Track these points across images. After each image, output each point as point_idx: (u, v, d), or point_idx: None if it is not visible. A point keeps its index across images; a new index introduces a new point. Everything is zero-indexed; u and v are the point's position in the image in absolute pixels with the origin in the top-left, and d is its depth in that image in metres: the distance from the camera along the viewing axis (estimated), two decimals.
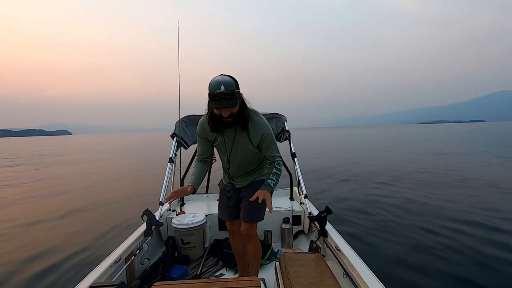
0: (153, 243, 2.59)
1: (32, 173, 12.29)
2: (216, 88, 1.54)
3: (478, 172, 8.61)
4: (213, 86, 1.54)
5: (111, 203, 6.52)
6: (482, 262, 3.19)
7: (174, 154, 3.02)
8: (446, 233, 4.02)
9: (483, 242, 3.67)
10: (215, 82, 1.55)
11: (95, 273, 1.70)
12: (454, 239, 3.80)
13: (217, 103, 1.56)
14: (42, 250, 4.03)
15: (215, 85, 1.54)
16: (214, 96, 1.54)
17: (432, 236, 3.94)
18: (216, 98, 1.54)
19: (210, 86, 1.56)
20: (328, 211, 2.32)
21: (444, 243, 3.69)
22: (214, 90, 1.54)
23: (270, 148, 1.80)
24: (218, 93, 1.54)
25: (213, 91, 1.54)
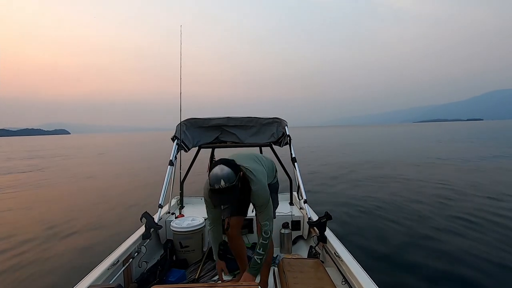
0: (152, 246, 2.58)
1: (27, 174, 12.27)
2: (216, 183, 1.58)
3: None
4: (213, 181, 1.59)
5: (110, 203, 6.50)
6: (484, 268, 3.17)
7: (174, 157, 3.01)
8: (446, 237, 4.00)
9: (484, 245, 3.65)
10: (215, 177, 1.59)
11: (93, 275, 1.69)
12: (454, 242, 3.78)
13: (217, 199, 1.64)
14: (40, 251, 4.01)
15: (215, 180, 1.58)
16: (214, 191, 1.59)
17: (432, 241, 3.92)
18: (215, 192, 1.59)
19: (210, 180, 1.61)
20: (328, 217, 2.31)
21: (444, 247, 3.67)
22: (214, 184, 1.58)
23: (264, 217, 1.80)
24: (218, 189, 1.58)
25: (213, 186, 1.58)
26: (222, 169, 1.61)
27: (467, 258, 3.46)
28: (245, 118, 3.31)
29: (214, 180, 1.58)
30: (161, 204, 2.74)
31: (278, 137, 3.29)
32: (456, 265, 3.28)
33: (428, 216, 5.05)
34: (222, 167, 1.62)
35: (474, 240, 3.99)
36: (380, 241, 4.03)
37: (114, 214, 5.75)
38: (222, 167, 1.63)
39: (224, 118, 3.30)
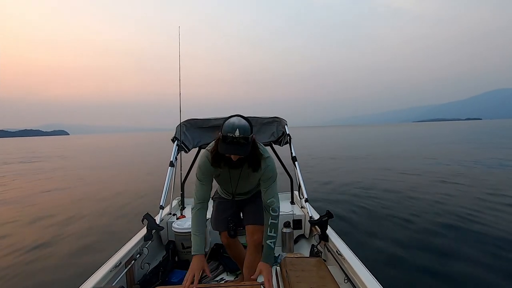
0: (153, 247, 2.58)
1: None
2: (230, 131, 1.46)
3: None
4: (228, 129, 1.46)
5: (110, 203, 6.51)
6: (486, 265, 3.17)
7: (175, 158, 3.01)
8: (450, 235, 4.01)
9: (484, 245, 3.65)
10: (231, 124, 1.47)
11: (95, 278, 1.69)
12: (456, 240, 3.78)
13: (229, 148, 1.48)
14: (41, 254, 4.02)
15: (230, 128, 1.46)
16: (227, 139, 1.47)
17: (435, 238, 3.92)
18: (228, 141, 1.47)
19: (224, 128, 1.48)
20: (329, 215, 2.31)
21: (448, 246, 3.67)
22: (228, 133, 1.46)
23: (271, 193, 1.73)
24: (231, 137, 1.45)
25: (226, 134, 1.46)
26: (239, 120, 1.51)
27: (471, 255, 3.46)
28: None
29: (229, 128, 1.46)
30: (162, 205, 2.74)
31: (278, 137, 3.29)
32: (460, 262, 3.28)
33: (432, 214, 5.05)
34: (239, 118, 1.52)
35: (478, 239, 3.99)
36: (382, 239, 4.04)
37: (114, 217, 5.75)
38: (239, 118, 1.52)
39: (224, 118, 3.30)
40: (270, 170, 1.71)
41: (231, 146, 1.48)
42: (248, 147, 1.52)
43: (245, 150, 1.50)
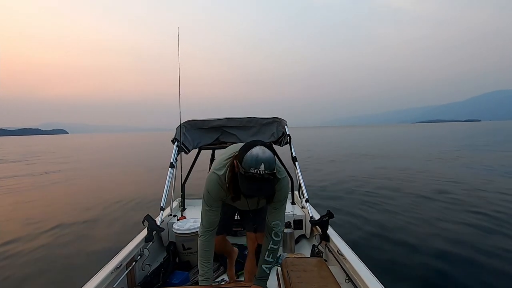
0: (154, 248, 2.58)
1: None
2: (254, 167, 1.24)
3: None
4: (251, 163, 1.24)
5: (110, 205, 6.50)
6: (489, 265, 3.17)
7: (175, 159, 3.01)
8: (450, 234, 4.00)
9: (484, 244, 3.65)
10: (254, 158, 1.25)
11: (96, 280, 1.69)
12: (456, 241, 3.77)
13: (253, 188, 1.27)
14: (42, 254, 4.01)
15: (254, 162, 1.24)
16: (250, 177, 1.25)
17: (436, 238, 3.92)
18: (252, 179, 1.25)
19: (246, 161, 1.26)
20: (330, 215, 2.31)
21: (447, 246, 3.67)
22: (251, 168, 1.24)
23: (278, 215, 1.59)
24: (256, 174, 1.24)
25: (249, 170, 1.24)
26: (264, 151, 1.27)
27: (475, 256, 3.46)
28: (244, 118, 3.31)
29: (253, 162, 1.23)
30: (162, 206, 2.74)
31: (278, 137, 3.29)
32: (460, 261, 3.28)
33: (433, 215, 5.05)
34: (264, 149, 1.28)
35: (481, 239, 3.98)
36: (383, 238, 4.03)
37: (113, 218, 5.75)
38: (263, 148, 1.28)
39: (224, 119, 3.30)
40: (284, 192, 1.54)
41: (256, 186, 1.27)
42: (274, 183, 1.33)
43: (271, 187, 1.33)
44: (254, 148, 1.28)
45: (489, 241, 3.78)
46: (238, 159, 1.33)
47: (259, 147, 1.29)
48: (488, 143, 20.88)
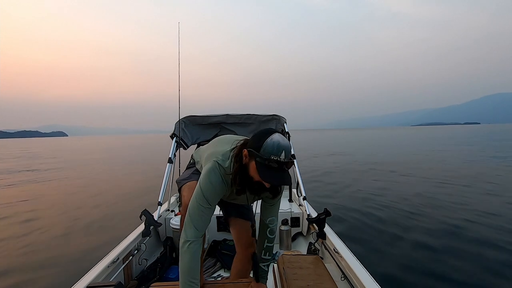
0: (151, 243, 2.58)
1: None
2: (275, 154, 1.15)
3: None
4: (272, 150, 1.15)
5: (109, 202, 6.51)
6: (485, 266, 3.19)
7: (173, 154, 3.01)
8: (447, 233, 4.03)
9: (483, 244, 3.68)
10: (275, 145, 1.16)
11: (93, 273, 1.70)
12: (454, 240, 3.80)
13: (275, 176, 1.17)
14: (38, 249, 4.02)
15: (276, 149, 1.15)
16: (271, 164, 1.16)
17: (431, 237, 3.94)
18: (273, 167, 1.16)
19: (266, 148, 1.16)
20: (327, 213, 2.32)
21: (444, 245, 3.70)
22: (272, 155, 1.15)
23: (274, 211, 1.53)
24: (277, 162, 1.15)
25: (270, 157, 1.15)
26: (283, 139, 1.19)
27: (468, 255, 3.49)
28: (244, 115, 3.31)
29: (275, 149, 1.14)
30: (160, 201, 2.74)
31: None
32: (455, 261, 3.30)
33: (431, 213, 5.08)
34: (283, 137, 1.20)
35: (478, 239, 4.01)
36: (380, 238, 4.06)
37: (112, 213, 5.76)
38: (282, 136, 1.21)
39: (223, 115, 3.30)
40: (282, 189, 1.48)
41: (279, 174, 1.17)
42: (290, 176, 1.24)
43: (290, 177, 1.23)
44: (273, 135, 1.19)
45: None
46: (251, 147, 1.22)
47: (278, 134, 1.21)
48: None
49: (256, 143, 1.20)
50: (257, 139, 1.21)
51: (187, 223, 1.30)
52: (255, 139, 1.23)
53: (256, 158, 1.18)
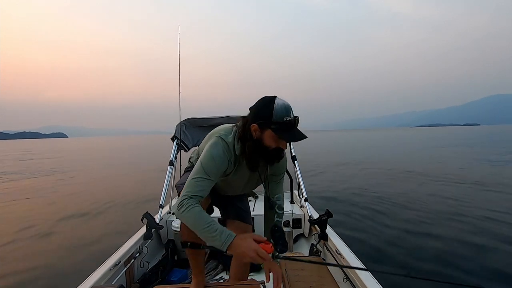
0: (153, 246, 2.58)
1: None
2: (286, 115, 1.21)
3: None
4: (283, 113, 1.21)
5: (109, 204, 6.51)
6: (485, 267, 3.17)
7: (174, 157, 3.02)
8: (449, 234, 4.01)
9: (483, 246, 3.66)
10: (283, 107, 1.22)
11: (94, 276, 1.69)
12: (455, 242, 3.78)
13: (295, 134, 1.23)
14: (41, 252, 4.02)
15: (284, 111, 1.21)
16: (289, 126, 1.22)
17: (434, 238, 3.93)
18: (291, 128, 1.23)
19: (277, 113, 1.21)
20: (329, 215, 2.31)
21: (446, 246, 3.68)
22: (285, 117, 1.20)
23: (280, 188, 1.58)
24: (292, 121, 1.22)
25: (284, 119, 1.20)
26: (282, 99, 1.26)
27: (471, 255, 3.47)
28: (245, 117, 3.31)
29: (284, 111, 1.20)
30: (161, 204, 2.74)
31: None
32: (459, 263, 3.29)
33: (433, 215, 5.06)
34: (280, 98, 1.27)
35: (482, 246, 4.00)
36: (382, 238, 4.04)
37: (113, 216, 5.76)
38: (279, 98, 1.26)
39: (224, 117, 3.30)
40: (285, 163, 1.51)
41: (294, 132, 1.24)
42: None
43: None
44: (275, 100, 1.24)
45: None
46: (259, 119, 1.25)
47: (276, 97, 1.26)
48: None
49: (264, 113, 1.23)
50: (262, 109, 1.25)
51: (181, 196, 1.24)
52: (259, 110, 1.26)
53: (271, 126, 1.22)
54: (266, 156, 1.31)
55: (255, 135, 1.28)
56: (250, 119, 1.29)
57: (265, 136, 1.26)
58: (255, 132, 1.27)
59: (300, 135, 1.24)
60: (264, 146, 1.28)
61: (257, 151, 1.30)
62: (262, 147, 1.28)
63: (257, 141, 1.28)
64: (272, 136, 1.24)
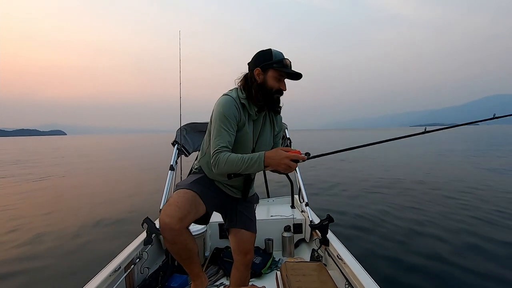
0: (153, 251, 2.57)
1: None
2: (284, 57, 1.42)
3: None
4: (281, 54, 1.43)
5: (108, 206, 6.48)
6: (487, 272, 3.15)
7: (175, 161, 3.02)
8: (452, 238, 3.99)
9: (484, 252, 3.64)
10: (280, 52, 1.43)
11: (94, 282, 1.68)
12: (458, 244, 3.76)
13: (295, 72, 1.42)
14: (40, 257, 3.99)
15: (282, 54, 1.43)
16: (288, 65, 1.42)
17: (438, 243, 3.90)
18: (289, 66, 1.42)
19: (276, 56, 1.42)
20: (330, 219, 2.30)
21: (449, 249, 3.66)
22: (284, 60, 1.41)
23: (278, 143, 1.71)
24: (290, 63, 1.42)
25: (282, 60, 1.41)
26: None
27: (473, 258, 3.45)
28: None
29: (280, 54, 1.43)
30: (162, 209, 2.74)
31: None
32: (465, 269, 3.26)
33: (435, 218, 5.04)
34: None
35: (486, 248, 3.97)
36: (384, 244, 4.02)
37: (112, 220, 5.73)
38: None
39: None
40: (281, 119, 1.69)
41: (295, 72, 1.43)
42: None
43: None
44: (271, 49, 1.42)
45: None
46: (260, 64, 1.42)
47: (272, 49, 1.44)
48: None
49: (264, 58, 1.42)
50: (262, 55, 1.43)
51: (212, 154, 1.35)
52: (259, 57, 1.44)
53: (274, 65, 1.40)
54: (270, 99, 1.46)
55: (259, 79, 1.44)
56: (252, 66, 1.46)
57: (268, 77, 1.42)
58: (258, 76, 1.44)
59: (298, 73, 1.42)
60: (268, 89, 1.43)
61: (262, 93, 1.44)
62: (266, 89, 1.43)
63: (261, 84, 1.43)
64: (275, 76, 1.42)
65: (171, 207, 1.34)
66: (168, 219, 1.30)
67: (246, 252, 1.69)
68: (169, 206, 1.35)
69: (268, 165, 1.26)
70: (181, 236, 1.34)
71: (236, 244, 1.70)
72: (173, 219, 1.30)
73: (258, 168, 1.27)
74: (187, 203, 1.36)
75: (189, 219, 1.36)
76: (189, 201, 1.38)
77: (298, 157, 1.25)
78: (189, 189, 1.43)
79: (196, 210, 1.41)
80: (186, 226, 1.39)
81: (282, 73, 1.43)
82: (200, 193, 1.44)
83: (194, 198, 1.41)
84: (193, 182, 1.51)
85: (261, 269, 2.45)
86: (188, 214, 1.35)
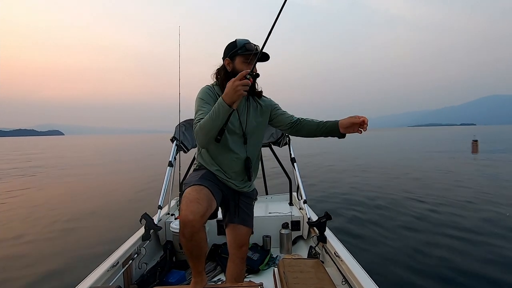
0: (151, 247, 2.57)
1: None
2: (248, 42, 1.49)
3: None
4: (244, 40, 1.50)
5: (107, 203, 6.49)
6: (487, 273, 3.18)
7: (173, 158, 3.02)
8: (448, 238, 4.01)
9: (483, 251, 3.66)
10: (244, 39, 1.51)
11: (92, 277, 1.69)
12: (456, 244, 3.78)
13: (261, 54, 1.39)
14: (38, 253, 4.00)
15: (245, 40, 1.50)
16: (252, 48, 1.47)
17: (434, 240, 3.93)
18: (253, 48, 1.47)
19: (240, 42, 1.49)
20: (328, 217, 2.31)
21: (447, 248, 3.68)
22: (246, 44, 1.48)
23: (285, 112, 1.69)
24: (255, 46, 1.48)
25: (245, 43, 1.48)
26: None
27: (472, 257, 3.47)
28: None
29: (244, 40, 1.50)
30: (160, 205, 2.74)
31: (277, 137, 3.29)
32: (459, 265, 3.29)
33: (432, 217, 5.06)
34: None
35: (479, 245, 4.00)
36: (380, 241, 4.04)
37: (111, 216, 5.74)
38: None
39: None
40: (268, 99, 1.70)
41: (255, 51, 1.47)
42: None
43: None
44: (236, 39, 1.52)
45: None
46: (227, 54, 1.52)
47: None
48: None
49: (230, 47, 1.52)
50: (228, 47, 1.53)
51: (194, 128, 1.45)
52: (226, 49, 1.54)
53: (238, 51, 1.49)
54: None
55: (230, 68, 1.52)
56: (223, 59, 1.55)
57: (236, 64, 1.50)
58: (229, 66, 1.53)
59: (264, 53, 1.39)
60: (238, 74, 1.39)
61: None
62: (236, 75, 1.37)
63: (231, 72, 1.50)
64: (242, 61, 1.49)
65: (193, 203, 1.31)
66: (191, 216, 1.27)
67: (242, 245, 1.71)
68: (191, 203, 1.31)
69: (229, 99, 1.30)
70: (199, 233, 1.34)
71: (233, 239, 1.71)
72: (196, 215, 1.28)
73: (223, 108, 1.31)
74: (206, 200, 1.36)
75: (207, 215, 1.36)
76: (206, 197, 1.37)
77: (241, 75, 1.28)
78: (202, 185, 1.42)
79: (212, 206, 1.41)
80: (204, 223, 1.39)
81: (247, 56, 1.48)
82: (212, 189, 1.44)
83: (209, 194, 1.41)
84: (202, 178, 1.50)
85: (258, 266, 2.46)
86: (207, 210, 1.35)
